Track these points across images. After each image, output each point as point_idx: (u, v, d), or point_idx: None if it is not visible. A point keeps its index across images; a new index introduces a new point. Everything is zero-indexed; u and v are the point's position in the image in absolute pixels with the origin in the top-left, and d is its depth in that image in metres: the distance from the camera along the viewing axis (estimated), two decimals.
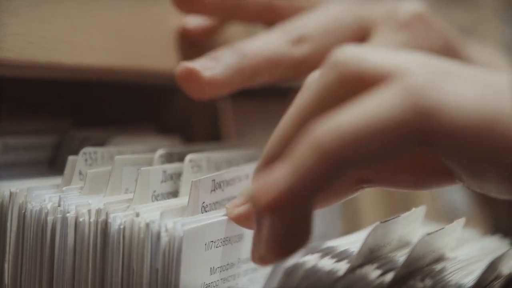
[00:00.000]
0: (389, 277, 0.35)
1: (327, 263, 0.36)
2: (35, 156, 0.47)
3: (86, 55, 0.45)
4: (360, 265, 0.36)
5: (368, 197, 0.71)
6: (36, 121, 0.50)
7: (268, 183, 0.31)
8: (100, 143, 0.46)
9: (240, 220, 0.38)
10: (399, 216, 0.38)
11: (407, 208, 0.40)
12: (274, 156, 0.34)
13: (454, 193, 0.91)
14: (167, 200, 0.41)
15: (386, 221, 0.37)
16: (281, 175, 0.31)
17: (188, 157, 0.43)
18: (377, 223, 0.36)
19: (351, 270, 0.36)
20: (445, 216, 0.81)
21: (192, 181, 0.39)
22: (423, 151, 0.30)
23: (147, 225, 0.36)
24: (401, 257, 0.38)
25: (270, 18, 0.50)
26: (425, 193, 0.82)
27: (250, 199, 0.34)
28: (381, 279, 0.35)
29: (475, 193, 0.67)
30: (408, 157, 0.35)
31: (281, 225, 0.31)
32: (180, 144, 0.52)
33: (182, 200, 0.40)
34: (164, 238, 0.36)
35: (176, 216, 0.37)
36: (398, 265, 0.36)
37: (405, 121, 0.29)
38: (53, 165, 0.49)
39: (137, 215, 0.37)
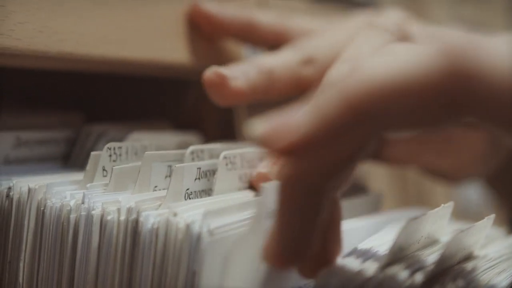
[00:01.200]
0: (420, 276, 0.33)
1: (354, 263, 0.34)
2: (48, 151, 0.45)
3: (97, 46, 0.42)
4: (389, 264, 0.34)
5: (381, 189, 0.69)
6: (48, 115, 0.47)
7: (287, 124, 0.30)
8: (118, 138, 0.43)
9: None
10: (428, 212, 0.37)
11: (420, 202, 0.39)
12: None
13: (469, 190, 0.90)
14: (203, 199, 0.38)
15: (416, 218, 0.35)
16: (303, 118, 0.29)
17: (223, 154, 0.40)
18: (408, 220, 0.34)
19: (381, 270, 0.34)
20: (460, 212, 0.80)
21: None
22: (457, 118, 0.29)
23: (188, 226, 0.33)
24: (430, 255, 0.37)
25: (282, 40, 0.51)
26: (439, 192, 0.81)
27: (262, 141, 0.31)
28: (412, 279, 0.33)
29: (493, 190, 0.67)
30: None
31: (299, 182, 0.30)
32: (197, 140, 0.49)
33: (217, 199, 0.37)
34: (206, 240, 0.32)
35: (217, 216, 0.34)
36: (428, 264, 0.35)
37: (444, 83, 0.28)
38: (67, 160, 0.46)
39: (175, 214, 0.33)
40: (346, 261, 0.35)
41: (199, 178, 0.38)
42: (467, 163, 0.39)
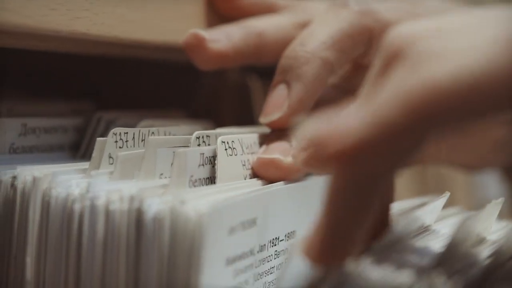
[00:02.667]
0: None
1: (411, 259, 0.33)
2: (56, 140, 0.44)
3: (113, 26, 0.41)
4: (444, 262, 0.33)
5: (400, 184, 0.68)
6: (57, 101, 0.46)
7: (343, 128, 0.28)
8: (129, 126, 0.42)
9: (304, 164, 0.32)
10: (480, 210, 0.36)
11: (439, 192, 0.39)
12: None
13: (488, 184, 0.88)
14: (208, 187, 0.36)
15: (471, 216, 0.34)
16: (359, 121, 0.27)
17: (219, 138, 0.39)
18: (463, 218, 0.33)
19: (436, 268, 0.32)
20: (479, 206, 0.79)
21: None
22: None
23: (201, 216, 0.31)
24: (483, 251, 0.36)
25: None
26: (458, 181, 0.80)
27: (314, 144, 0.29)
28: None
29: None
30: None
31: (351, 183, 0.28)
32: (213, 128, 0.48)
33: (222, 187, 0.36)
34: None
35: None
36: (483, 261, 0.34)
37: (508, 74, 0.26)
38: (76, 149, 0.45)
39: (182, 202, 0.32)
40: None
41: (203, 165, 0.37)
42: (486, 153, 0.37)
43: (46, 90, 0.48)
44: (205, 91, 0.55)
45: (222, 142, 0.38)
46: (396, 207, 0.42)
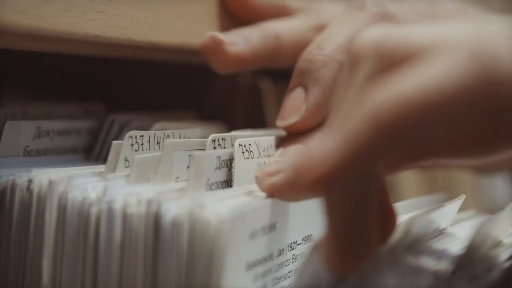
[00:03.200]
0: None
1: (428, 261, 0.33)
2: (69, 142, 0.44)
3: (126, 28, 0.41)
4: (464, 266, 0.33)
5: (409, 184, 0.68)
6: (70, 103, 0.46)
7: (317, 155, 0.29)
8: (142, 128, 0.42)
9: (273, 191, 0.34)
10: (497, 214, 0.36)
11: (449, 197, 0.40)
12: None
13: (495, 185, 0.89)
14: (226, 190, 0.36)
15: (488, 219, 0.35)
16: (331, 146, 0.28)
17: (237, 141, 0.39)
18: (481, 221, 0.34)
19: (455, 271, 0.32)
20: (486, 207, 0.79)
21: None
22: (487, 122, 0.28)
23: (222, 221, 0.31)
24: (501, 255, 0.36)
25: None
26: (466, 182, 0.80)
27: (294, 173, 0.31)
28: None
29: None
30: None
31: (333, 204, 0.30)
32: (226, 130, 0.48)
33: (238, 191, 0.36)
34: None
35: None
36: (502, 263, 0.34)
37: (475, 90, 0.27)
38: (89, 151, 0.45)
39: (201, 206, 0.32)
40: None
41: (219, 168, 0.37)
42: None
43: (59, 92, 0.48)
44: (217, 93, 0.54)
45: (240, 145, 0.38)
46: (409, 206, 0.43)
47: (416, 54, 0.29)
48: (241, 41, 0.44)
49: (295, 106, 0.42)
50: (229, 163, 0.38)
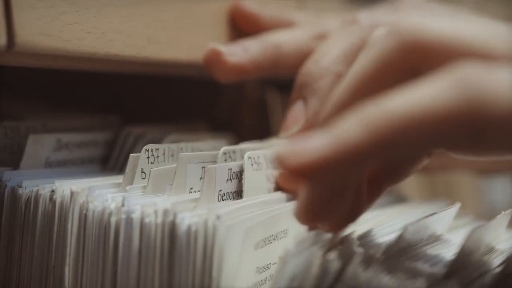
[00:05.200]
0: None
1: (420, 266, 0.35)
2: (87, 153, 0.46)
3: (144, 47, 0.43)
4: (451, 274, 0.34)
5: (410, 188, 0.69)
6: (88, 117, 0.48)
7: (303, 148, 0.30)
8: (156, 140, 0.44)
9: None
10: (491, 221, 0.37)
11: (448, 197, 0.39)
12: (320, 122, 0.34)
13: (495, 189, 0.89)
14: (238, 201, 0.38)
15: (480, 226, 0.36)
16: (320, 143, 0.30)
17: (246, 154, 0.41)
18: (473, 228, 0.35)
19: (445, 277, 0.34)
20: (486, 213, 0.80)
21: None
22: (470, 143, 0.30)
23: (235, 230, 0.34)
24: (493, 260, 0.37)
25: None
26: (467, 186, 0.81)
27: (278, 159, 0.32)
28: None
29: None
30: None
31: (311, 193, 0.32)
32: (235, 142, 0.50)
33: (250, 201, 0.38)
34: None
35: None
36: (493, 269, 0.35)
37: (457, 113, 0.29)
38: (106, 162, 0.47)
39: (218, 217, 0.34)
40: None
41: (230, 179, 0.39)
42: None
43: (76, 105, 0.50)
44: (225, 105, 0.56)
45: (249, 157, 0.40)
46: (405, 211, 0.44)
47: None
48: (240, 51, 0.46)
49: (296, 117, 0.44)
50: (239, 174, 0.40)
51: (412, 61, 0.32)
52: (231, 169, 0.40)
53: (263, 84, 0.56)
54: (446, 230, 0.42)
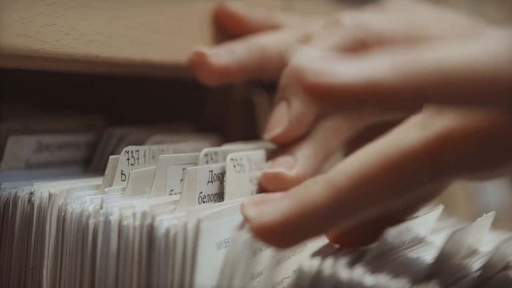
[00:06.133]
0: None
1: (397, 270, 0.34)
2: (69, 155, 0.45)
3: (124, 48, 0.42)
4: (433, 275, 0.34)
5: None
6: (69, 118, 0.48)
7: (265, 207, 0.32)
8: (139, 142, 0.44)
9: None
10: (472, 223, 0.37)
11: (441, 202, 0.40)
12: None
13: (489, 194, 0.89)
14: (218, 204, 0.38)
15: (461, 228, 0.35)
16: (280, 205, 0.32)
17: (229, 156, 0.40)
18: (453, 231, 0.34)
19: (424, 280, 0.33)
20: (478, 213, 0.80)
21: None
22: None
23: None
24: (472, 264, 0.37)
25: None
26: (459, 193, 0.80)
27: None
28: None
29: None
30: None
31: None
32: (220, 143, 0.49)
33: (230, 204, 0.38)
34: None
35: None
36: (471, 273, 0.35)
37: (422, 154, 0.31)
38: (88, 164, 0.46)
39: (198, 220, 0.34)
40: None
41: (212, 181, 0.39)
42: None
43: (59, 107, 0.50)
44: (212, 106, 0.56)
45: (231, 159, 0.40)
46: None
47: None
48: (225, 53, 0.46)
49: (278, 118, 0.44)
50: (221, 176, 0.40)
51: None
52: (212, 171, 0.39)
53: (250, 85, 0.56)
54: (429, 232, 0.42)
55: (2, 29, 0.36)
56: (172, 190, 0.39)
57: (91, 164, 0.46)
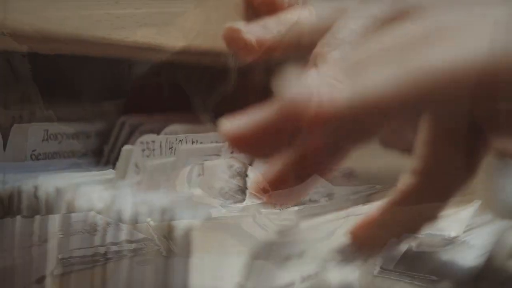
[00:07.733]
0: None
1: None
2: (78, 146, 0.43)
3: (134, 31, 0.41)
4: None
5: None
6: (80, 105, 0.46)
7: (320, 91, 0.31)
8: (153, 131, 0.42)
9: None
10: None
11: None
12: None
13: (509, 188, 0.88)
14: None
15: (506, 227, 0.35)
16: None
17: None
18: (499, 229, 0.34)
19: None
20: (499, 211, 0.79)
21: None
22: None
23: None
24: None
25: None
26: (478, 186, 0.79)
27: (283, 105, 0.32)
28: None
29: None
30: None
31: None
32: None
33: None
34: None
35: None
36: None
37: None
38: (99, 154, 0.44)
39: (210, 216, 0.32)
40: None
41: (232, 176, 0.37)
42: None
43: (68, 93, 0.48)
44: (229, 93, 0.54)
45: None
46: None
47: None
48: (259, 28, 0.46)
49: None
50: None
51: None
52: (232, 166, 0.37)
53: (268, 73, 0.54)
54: (463, 231, 0.40)
55: (6, 11, 0.34)
56: (190, 185, 0.37)
57: (102, 154, 0.44)
